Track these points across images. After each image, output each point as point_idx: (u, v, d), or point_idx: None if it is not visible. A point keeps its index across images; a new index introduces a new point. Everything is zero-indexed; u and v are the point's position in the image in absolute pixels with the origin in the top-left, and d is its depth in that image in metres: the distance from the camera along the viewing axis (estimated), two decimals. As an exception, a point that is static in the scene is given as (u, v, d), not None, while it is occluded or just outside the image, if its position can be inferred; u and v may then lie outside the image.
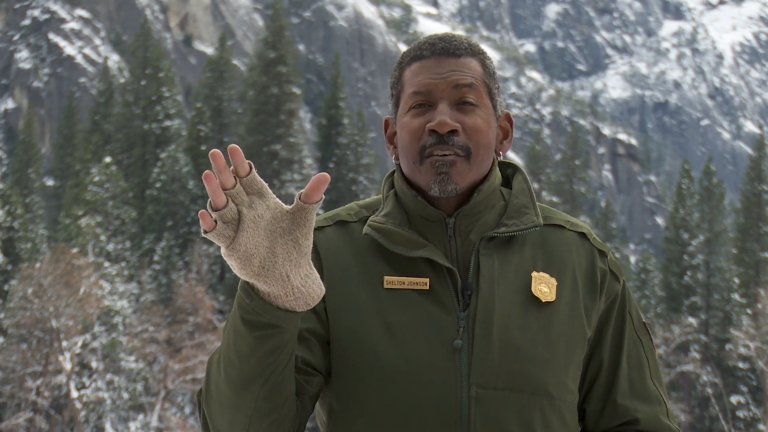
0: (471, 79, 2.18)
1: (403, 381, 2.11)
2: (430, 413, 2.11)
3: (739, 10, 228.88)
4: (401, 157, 2.23)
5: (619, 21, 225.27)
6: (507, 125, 2.28)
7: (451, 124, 2.14)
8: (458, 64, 2.19)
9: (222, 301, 50.00)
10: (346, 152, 59.42)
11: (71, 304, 37.68)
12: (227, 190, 1.88)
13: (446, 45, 2.20)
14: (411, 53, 2.23)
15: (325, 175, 1.88)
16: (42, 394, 37.10)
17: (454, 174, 2.15)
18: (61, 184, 65.32)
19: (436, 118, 2.15)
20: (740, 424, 48.34)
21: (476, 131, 2.17)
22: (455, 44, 2.21)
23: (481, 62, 2.22)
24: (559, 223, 2.28)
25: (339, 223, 2.26)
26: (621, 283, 2.29)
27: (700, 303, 53.47)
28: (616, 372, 2.25)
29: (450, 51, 2.20)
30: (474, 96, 2.18)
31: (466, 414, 2.10)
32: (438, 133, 2.15)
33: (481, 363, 2.11)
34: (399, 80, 2.24)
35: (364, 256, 2.20)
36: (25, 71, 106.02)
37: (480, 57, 2.23)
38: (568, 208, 61.56)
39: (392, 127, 2.29)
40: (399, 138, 2.23)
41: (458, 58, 2.20)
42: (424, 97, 2.18)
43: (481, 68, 2.22)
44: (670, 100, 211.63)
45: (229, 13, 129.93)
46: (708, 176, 57.16)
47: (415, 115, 2.19)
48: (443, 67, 2.18)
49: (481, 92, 2.20)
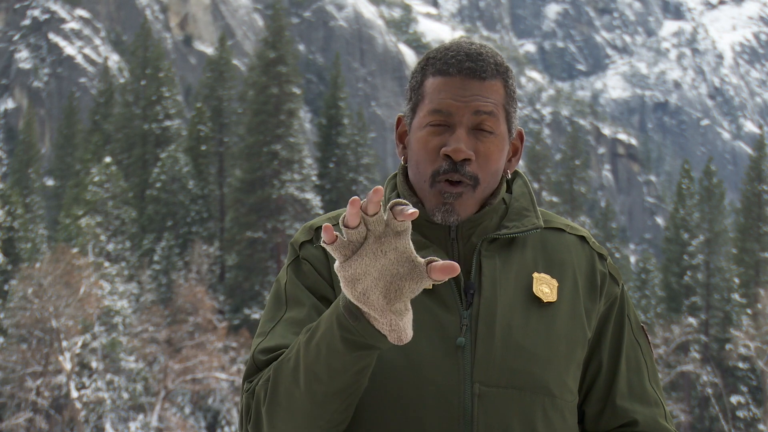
0: (492, 106, 2.21)
1: (406, 378, 2.14)
2: (433, 410, 2.13)
3: (739, 10, 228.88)
4: (411, 168, 2.26)
5: (619, 21, 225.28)
6: (518, 143, 2.32)
7: (467, 153, 2.18)
8: (482, 89, 2.21)
9: (222, 301, 50.01)
10: (346, 152, 59.41)
11: (71, 304, 37.69)
12: (366, 215, 1.91)
13: (473, 65, 2.21)
14: (437, 65, 2.24)
15: (454, 267, 1.89)
16: (42, 394, 37.11)
17: (457, 206, 2.19)
18: (61, 184, 65.33)
19: (452, 145, 2.18)
20: (740, 424, 48.35)
21: (488, 160, 2.20)
22: (482, 65, 2.22)
23: (504, 84, 2.24)
24: (559, 227, 2.32)
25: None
26: (620, 286, 2.33)
27: (700, 303, 53.48)
28: (615, 374, 2.28)
29: (476, 73, 2.21)
30: (491, 124, 2.21)
31: (469, 411, 2.13)
32: (452, 159, 2.18)
33: (483, 361, 2.14)
34: (420, 87, 2.26)
35: None
36: (25, 71, 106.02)
37: (504, 77, 2.25)
38: (568, 208, 61.55)
39: (404, 125, 2.31)
40: (411, 148, 2.25)
41: (483, 81, 2.21)
42: (444, 117, 2.20)
43: (503, 91, 2.24)
44: (670, 100, 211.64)
45: (229, 13, 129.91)
46: (708, 176, 57.17)
47: (431, 134, 2.21)
48: (467, 89, 2.20)
49: (499, 119, 2.22)
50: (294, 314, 2.21)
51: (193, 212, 54.01)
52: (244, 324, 48.23)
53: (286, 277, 2.26)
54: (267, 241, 51.99)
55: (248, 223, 52.20)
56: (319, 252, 2.25)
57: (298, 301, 2.22)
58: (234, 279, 51.38)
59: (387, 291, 1.94)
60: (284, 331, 2.19)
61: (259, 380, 2.15)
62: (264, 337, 2.21)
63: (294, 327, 2.19)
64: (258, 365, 2.18)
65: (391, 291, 1.94)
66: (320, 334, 2.03)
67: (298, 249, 2.27)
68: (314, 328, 2.06)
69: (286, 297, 2.24)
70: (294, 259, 2.27)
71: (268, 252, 52.08)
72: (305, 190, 53.24)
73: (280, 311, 2.23)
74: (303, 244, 2.27)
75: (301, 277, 2.24)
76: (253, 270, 51.28)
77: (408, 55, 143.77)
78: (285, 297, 2.24)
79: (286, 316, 2.21)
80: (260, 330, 2.24)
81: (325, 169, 59.27)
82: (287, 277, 2.26)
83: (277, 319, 2.22)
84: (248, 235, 51.75)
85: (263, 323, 2.25)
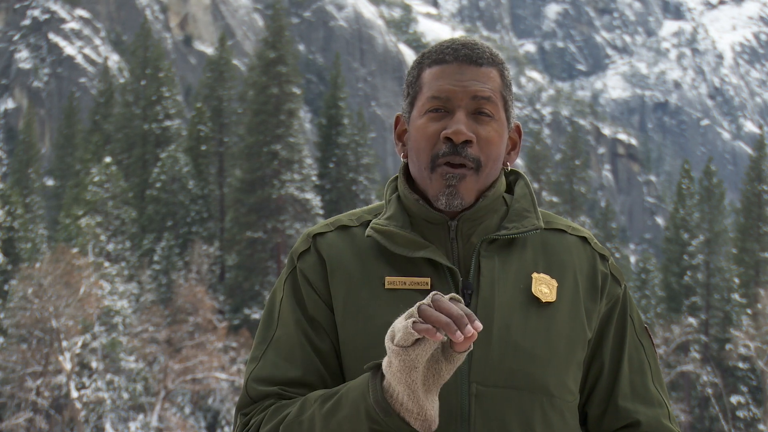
0: (489, 92, 2.21)
1: None
2: None
3: (739, 10, 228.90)
4: (411, 158, 2.25)
5: (619, 21, 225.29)
6: (516, 137, 2.32)
7: (467, 135, 2.17)
8: (479, 74, 2.21)
9: (222, 301, 50.01)
10: (346, 152, 59.41)
11: (71, 304, 37.69)
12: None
13: (469, 52, 2.22)
14: (432, 55, 2.25)
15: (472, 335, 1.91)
16: (42, 394, 37.10)
17: (461, 188, 2.18)
18: (61, 184, 65.33)
19: (453, 127, 2.17)
20: (740, 424, 48.35)
21: (489, 143, 2.20)
22: (478, 53, 2.23)
23: (500, 73, 2.25)
24: (561, 228, 2.31)
25: (340, 227, 2.28)
26: (622, 287, 2.32)
27: (700, 303, 53.48)
28: (618, 375, 2.27)
29: (472, 59, 2.22)
30: (491, 108, 2.21)
31: (466, 410, 2.13)
32: (452, 141, 2.18)
33: (481, 361, 2.13)
34: (417, 80, 2.26)
35: (365, 258, 2.23)
36: (25, 71, 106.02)
37: (500, 68, 2.25)
38: (568, 208, 61.55)
39: (403, 124, 2.31)
40: (411, 139, 2.25)
41: (479, 67, 2.22)
42: (442, 102, 2.20)
43: (500, 80, 2.24)
44: (670, 100, 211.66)
45: (229, 13, 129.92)
46: (708, 176, 57.17)
47: (430, 120, 2.21)
48: (464, 74, 2.21)
49: (498, 105, 2.22)
50: (283, 337, 2.21)
51: (193, 212, 54.01)
52: (244, 324, 48.23)
53: (282, 293, 2.26)
54: (267, 241, 51.99)
55: (248, 223, 52.20)
56: (316, 260, 2.24)
57: (289, 322, 2.22)
58: (234, 279, 51.38)
59: (425, 377, 1.97)
60: (276, 358, 2.20)
61: (259, 423, 2.16)
62: (256, 363, 2.21)
63: (283, 352, 2.19)
64: (251, 396, 2.19)
65: (429, 377, 1.97)
66: (344, 415, 2.05)
67: (297, 260, 2.27)
68: (335, 403, 2.07)
69: (279, 315, 2.24)
70: (291, 272, 2.26)
71: (268, 252, 52.08)
72: (305, 190, 53.24)
73: (270, 330, 2.24)
74: (301, 255, 2.27)
75: (296, 295, 2.24)
76: (253, 270, 51.28)
77: (408, 55, 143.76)
78: (278, 315, 2.24)
79: (276, 336, 2.22)
80: (253, 354, 2.24)
81: (325, 169, 59.27)
82: (283, 292, 2.26)
83: (269, 341, 2.22)
84: (248, 235, 51.75)
85: (256, 345, 2.25)
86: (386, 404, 1.98)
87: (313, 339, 2.20)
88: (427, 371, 1.96)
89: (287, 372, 2.18)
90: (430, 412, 1.98)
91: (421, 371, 1.95)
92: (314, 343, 2.20)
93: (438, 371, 1.96)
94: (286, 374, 2.18)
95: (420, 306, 1.92)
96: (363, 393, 2.02)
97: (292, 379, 2.17)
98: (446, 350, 1.97)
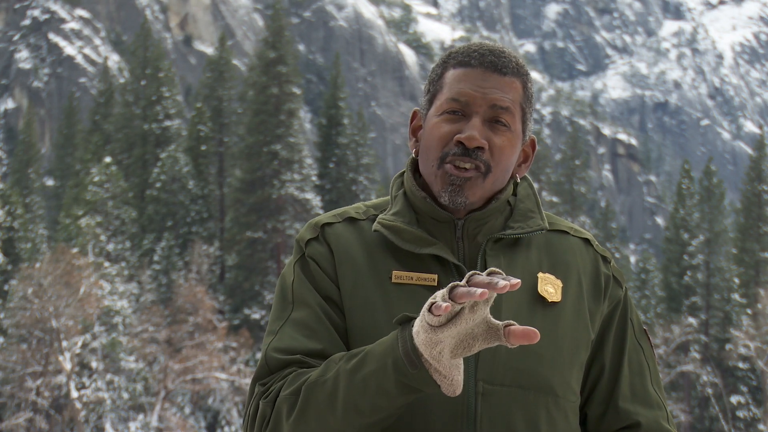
0: (509, 102, 2.21)
1: None
2: (436, 407, 2.14)
3: (739, 10, 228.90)
4: (421, 154, 2.27)
5: (619, 21, 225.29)
6: (529, 150, 2.33)
7: (480, 141, 2.18)
8: (502, 83, 2.22)
9: (222, 301, 50.01)
10: (346, 152, 59.42)
11: (71, 304, 37.69)
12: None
13: (495, 60, 2.23)
14: (458, 57, 2.25)
15: (534, 334, 1.90)
16: (42, 394, 37.11)
17: (467, 188, 2.19)
18: (61, 184, 65.35)
19: (467, 132, 2.19)
20: (740, 424, 48.35)
21: (501, 152, 2.21)
22: (504, 61, 2.23)
23: (523, 85, 2.25)
24: (564, 229, 2.34)
25: (348, 219, 2.30)
26: (623, 289, 2.34)
27: (700, 303, 53.47)
28: (618, 377, 2.29)
29: (497, 67, 2.22)
30: (508, 118, 2.22)
31: (473, 408, 2.14)
32: (464, 145, 2.19)
33: (487, 359, 2.15)
34: (439, 79, 2.27)
35: (372, 252, 2.24)
36: (25, 71, 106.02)
37: (524, 79, 2.26)
38: (568, 208, 61.55)
39: (419, 119, 2.32)
40: (424, 136, 2.26)
41: (503, 76, 2.22)
42: (461, 106, 2.21)
43: (522, 91, 2.25)
44: (670, 100, 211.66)
45: (229, 13, 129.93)
46: (708, 176, 57.16)
47: (446, 121, 2.22)
48: (487, 81, 2.21)
49: (516, 116, 2.23)
50: (301, 315, 2.21)
51: (193, 212, 54.00)
52: (244, 324, 48.23)
53: (293, 275, 2.26)
54: (267, 241, 51.98)
55: (248, 223, 52.20)
56: (324, 249, 2.25)
57: (305, 301, 2.22)
58: (234, 279, 51.37)
59: (456, 348, 1.96)
60: (293, 332, 2.19)
61: (279, 389, 2.14)
62: (274, 336, 2.20)
63: (302, 329, 2.19)
64: (270, 366, 2.17)
65: (459, 348, 1.96)
66: (370, 370, 2.03)
67: (305, 247, 2.27)
68: (360, 359, 2.05)
69: (293, 296, 2.24)
70: (300, 257, 2.27)
71: (268, 252, 52.07)
72: (305, 190, 53.24)
73: (286, 310, 2.23)
74: (309, 242, 2.27)
75: (308, 276, 2.24)
76: (253, 270, 51.27)
77: (408, 55, 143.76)
78: (292, 296, 2.24)
79: (293, 316, 2.21)
80: (269, 328, 2.23)
81: (325, 169, 59.27)
82: (294, 274, 2.25)
83: (285, 318, 2.22)
84: (248, 235, 51.75)
85: (272, 321, 2.24)
86: (416, 356, 1.97)
87: (331, 315, 2.20)
88: (459, 342, 1.96)
89: (308, 344, 2.17)
90: (456, 377, 1.98)
91: (449, 344, 1.95)
92: (333, 319, 2.19)
93: (470, 346, 1.96)
94: (307, 345, 2.17)
95: (453, 284, 1.92)
96: (392, 345, 2.01)
97: (314, 350, 2.16)
98: (489, 329, 1.95)
